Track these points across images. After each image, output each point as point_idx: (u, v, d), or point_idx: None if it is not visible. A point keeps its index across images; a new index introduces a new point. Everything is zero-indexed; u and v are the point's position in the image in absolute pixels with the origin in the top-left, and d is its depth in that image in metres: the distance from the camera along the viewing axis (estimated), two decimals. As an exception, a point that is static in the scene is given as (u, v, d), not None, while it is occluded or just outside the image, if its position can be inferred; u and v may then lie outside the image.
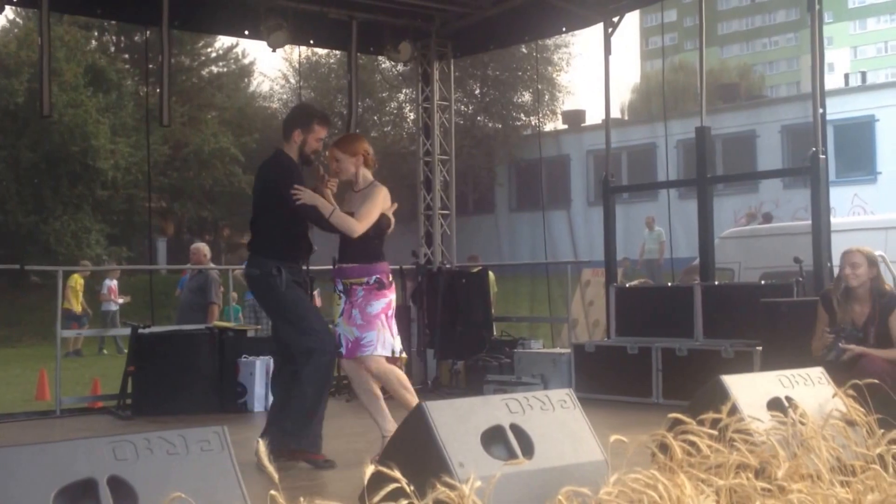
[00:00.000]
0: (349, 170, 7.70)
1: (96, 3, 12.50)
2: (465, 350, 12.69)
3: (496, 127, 39.74)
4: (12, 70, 31.05)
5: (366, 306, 7.52)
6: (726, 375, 5.91)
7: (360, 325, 7.53)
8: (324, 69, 40.22)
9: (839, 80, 45.93)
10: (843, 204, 27.80)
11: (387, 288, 7.64)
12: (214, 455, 4.30)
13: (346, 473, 7.06)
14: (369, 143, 8.00)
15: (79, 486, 3.94)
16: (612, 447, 5.03)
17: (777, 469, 4.88)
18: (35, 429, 10.17)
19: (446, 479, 4.33)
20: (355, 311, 7.55)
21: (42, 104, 11.30)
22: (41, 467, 3.92)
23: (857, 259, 8.10)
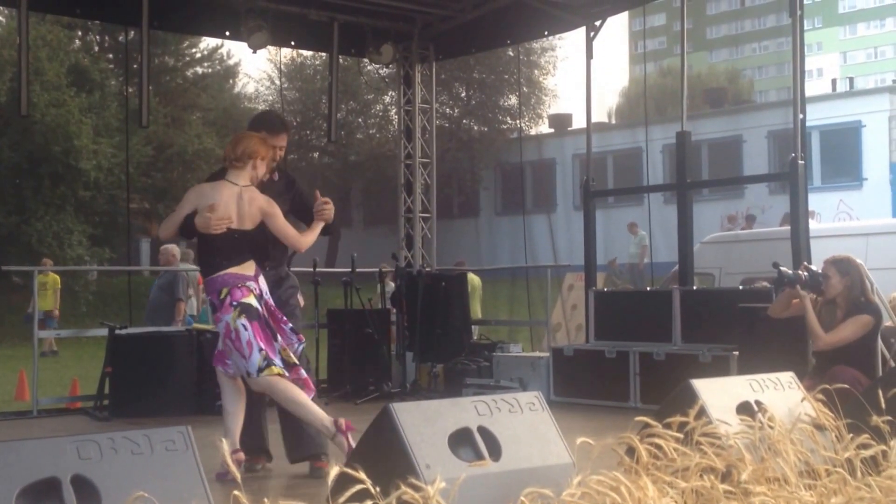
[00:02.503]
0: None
1: (75, 2, 12.45)
2: (444, 353, 12.68)
3: (482, 130, 39.76)
4: (-7, 69, 30.95)
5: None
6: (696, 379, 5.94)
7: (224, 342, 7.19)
8: (309, 70, 40.14)
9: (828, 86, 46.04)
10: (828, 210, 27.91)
11: (218, 310, 7.09)
12: (179, 455, 4.31)
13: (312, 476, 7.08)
14: (231, 142, 7.49)
15: (42, 484, 3.95)
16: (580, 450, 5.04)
17: (742, 472, 4.91)
18: (11, 429, 10.11)
19: (413, 481, 4.34)
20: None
21: (21, 104, 11.33)
22: (4, 465, 3.92)
23: (827, 271, 8.20)
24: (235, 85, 45.25)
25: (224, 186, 7.11)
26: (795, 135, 10.31)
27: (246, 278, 7.06)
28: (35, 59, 11.61)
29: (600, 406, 10.80)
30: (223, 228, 7.00)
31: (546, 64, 40.58)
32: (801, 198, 10.31)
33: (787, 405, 5.90)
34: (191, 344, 11.18)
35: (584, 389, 11.19)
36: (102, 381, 11.09)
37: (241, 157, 7.14)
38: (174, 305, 13.91)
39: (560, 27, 13.41)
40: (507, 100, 40.27)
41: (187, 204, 7.12)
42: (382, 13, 13.26)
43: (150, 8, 11.71)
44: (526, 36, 15.70)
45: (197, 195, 7.16)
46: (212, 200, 7.04)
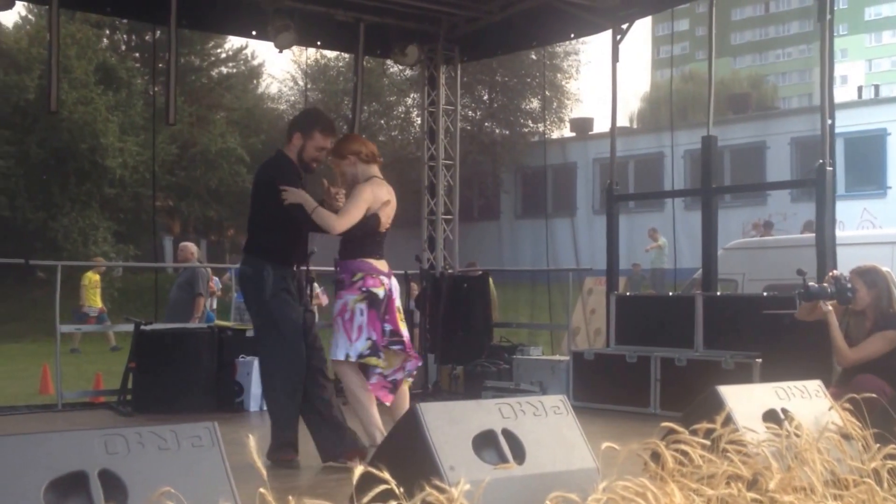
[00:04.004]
0: (348, 172, 7.64)
1: (105, 0, 12.56)
2: (464, 355, 12.70)
3: (503, 133, 39.78)
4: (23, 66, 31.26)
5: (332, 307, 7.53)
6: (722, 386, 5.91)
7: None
8: (332, 72, 40.33)
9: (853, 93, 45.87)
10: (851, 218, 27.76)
11: (345, 288, 7.47)
12: (205, 451, 4.31)
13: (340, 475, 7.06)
14: (363, 140, 7.93)
15: (70, 478, 3.96)
16: (604, 455, 5.02)
17: (769, 480, 4.87)
18: (36, 422, 10.22)
19: (436, 482, 4.32)
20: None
21: (50, 100, 11.43)
22: (33, 458, 3.94)
23: (854, 283, 8.11)
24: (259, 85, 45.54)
25: (384, 186, 7.62)
26: (823, 141, 10.25)
27: (382, 272, 7.52)
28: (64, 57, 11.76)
29: (620, 411, 10.77)
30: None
31: (569, 68, 40.61)
32: (828, 205, 10.24)
33: (813, 413, 5.87)
34: (213, 341, 11.27)
35: (603, 394, 11.16)
36: (126, 376, 11.21)
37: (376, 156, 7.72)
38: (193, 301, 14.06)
39: (586, 30, 13.36)
40: (528, 103, 40.27)
41: (364, 203, 7.42)
42: (408, 14, 13.24)
43: (179, 7, 11.71)
44: (552, 38, 15.67)
45: (371, 194, 7.48)
46: (384, 198, 7.52)
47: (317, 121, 7.93)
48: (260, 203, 7.71)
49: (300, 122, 7.91)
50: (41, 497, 3.86)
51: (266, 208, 7.60)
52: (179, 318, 13.56)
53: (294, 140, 7.71)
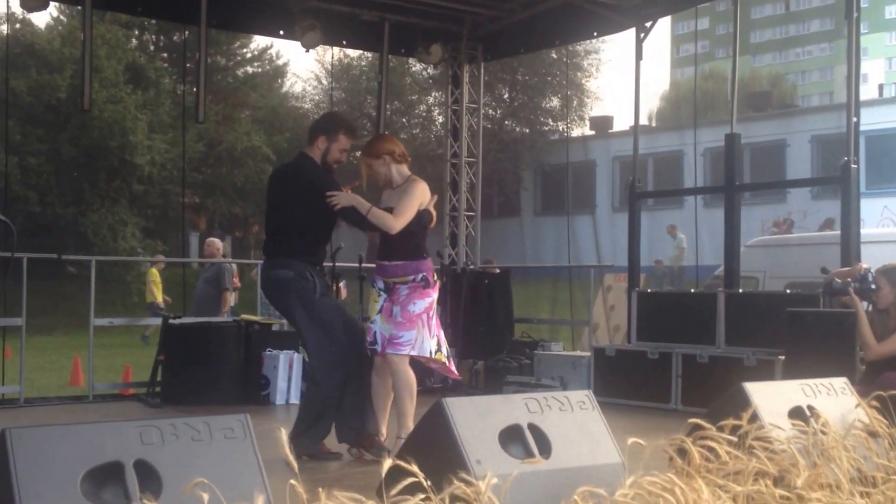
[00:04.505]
0: (381, 171, 7.70)
1: (137, 1, 12.68)
2: (485, 350, 12.75)
3: (523, 131, 39.85)
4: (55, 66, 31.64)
5: (408, 304, 7.49)
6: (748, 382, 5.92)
7: (398, 322, 7.48)
8: (355, 71, 40.57)
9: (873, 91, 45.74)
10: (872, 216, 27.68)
11: (431, 287, 7.60)
12: (237, 443, 4.36)
13: (365, 468, 7.14)
14: (394, 140, 8.01)
15: (106, 468, 4.01)
16: (629, 450, 5.05)
17: (796, 477, 4.89)
18: (68, 413, 10.37)
19: (463, 476, 4.36)
20: (396, 308, 7.53)
21: (83, 99, 11.65)
22: (71, 448, 4.00)
23: (878, 281, 8.12)
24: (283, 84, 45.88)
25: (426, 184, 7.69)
26: (849, 138, 10.23)
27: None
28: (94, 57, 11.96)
29: (641, 407, 10.78)
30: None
31: (589, 66, 40.64)
32: (852, 202, 10.22)
33: (839, 411, 5.87)
34: (239, 335, 11.39)
35: (624, 390, 11.16)
36: (155, 368, 11.34)
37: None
38: (219, 296, 14.19)
39: (610, 28, 13.36)
40: (549, 101, 40.35)
41: (419, 200, 7.55)
42: (432, 13, 13.33)
43: (209, 7, 11.91)
44: (575, 37, 15.69)
45: (423, 193, 7.61)
46: (429, 196, 7.63)
47: (341, 123, 8.07)
48: (297, 207, 7.73)
49: (324, 125, 8.00)
50: (78, 486, 3.92)
51: (306, 212, 7.67)
52: (206, 313, 13.71)
53: (318, 143, 7.80)
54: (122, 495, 3.99)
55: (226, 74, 41.09)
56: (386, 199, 7.73)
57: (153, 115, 33.74)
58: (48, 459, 3.93)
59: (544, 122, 40.30)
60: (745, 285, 13.71)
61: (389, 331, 7.50)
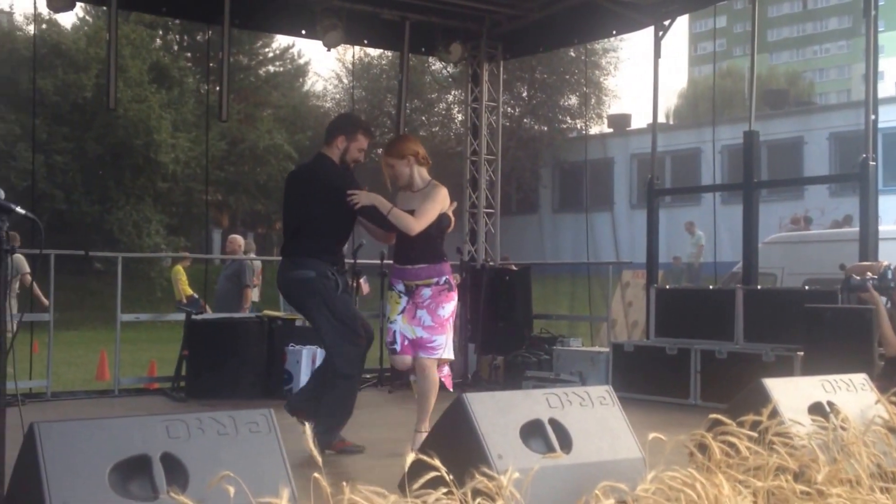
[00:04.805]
0: (404, 172, 7.67)
1: (162, 1, 12.80)
2: (505, 346, 12.77)
3: (542, 129, 39.88)
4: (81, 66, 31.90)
5: (437, 308, 7.51)
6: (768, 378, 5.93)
7: (429, 326, 7.49)
8: (375, 70, 40.76)
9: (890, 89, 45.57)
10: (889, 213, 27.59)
11: (454, 290, 7.65)
12: (262, 437, 4.42)
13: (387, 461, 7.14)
14: (418, 141, 8.00)
15: (133, 461, 4.07)
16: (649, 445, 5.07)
17: (816, 473, 4.90)
18: (94, 407, 10.51)
19: (485, 470, 4.39)
20: (421, 311, 7.51)
21: (109, 98, 11.77)
22: (99, 442, 4.05)
23: None
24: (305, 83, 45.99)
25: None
26: (867, 135, 10.24)
27: None
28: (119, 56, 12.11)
29: (659, 402, 10.79)
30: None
31: (607, 64, 40.63)
32: (871, 199, 10.22)
33: (859, 407, 5.88)
34: (262, 330, 11.48)
35: (643, 385, 11.16)
36: (180, 363, 11.45)
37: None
38: (241, 293, 14.25)
39: (629, 27, 13.35)
40: (567, 99, 40.41)
41: (441, 204, 7.55)
42: (452, 13, 13.40)
43: (232, 7, 12.02)
44: (594, 35, 15.67)
45: (446, 197, 7.60)
46: (449, 203, 7.62)
47: (359, 123, 8.17)
48: (317, 207, 7.77)
49: (343, 125, 8.06)
50: (106, 479, 3.97)
51: (326, 213, 7.71)
52: (227, 309, 13.80)
53: (338, 142, 7.85)
54: (150, 488, 4.05)
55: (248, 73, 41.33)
56: (403, 201, 7.71)
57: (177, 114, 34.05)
58: (76, 453, 3.98)
59: (562, 120, 40.33)
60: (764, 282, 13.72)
61: (415, 333, 7.50)
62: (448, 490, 4.16)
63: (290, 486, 4.22)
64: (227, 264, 15.18)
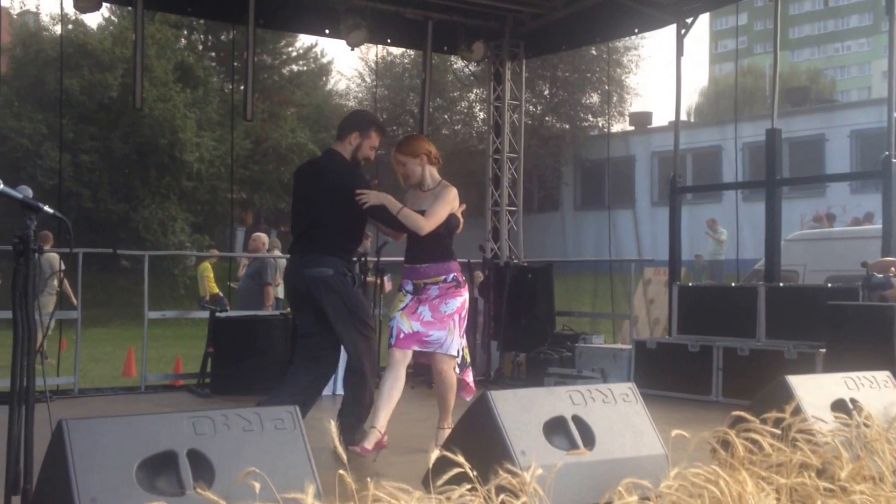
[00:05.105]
0: (415, 171, 7.62)
1: (187, 2, 12.91)
2: (527, 343, 12.77)
3: (563, 127, 39.87)
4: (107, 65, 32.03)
5: (440, 305, 7.45)
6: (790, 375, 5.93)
7: (427, 321, 7.42)
8: (398, 68, 40.82)
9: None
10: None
11: (462, 286, 7.60)
12: (287, 433, 4.44)
13: (410, 458, 7.16)
14: (430, 141, 7.96)
15: (160, 457, 4.11)
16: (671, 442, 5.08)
17: (840, 470, 4.91)
18: (121, 403, 10.57)
19: (508, 467, 4.40)
20: (423, 307, 7.45)
21: (135, 97, 11.90)
22: (126, 438, 4.09)
23: None
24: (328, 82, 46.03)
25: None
26: (890, 132, 10.21)
27: None
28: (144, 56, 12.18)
29: (681, 399, 10.76)
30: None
31: (628, 63, 40.58)
32: (893, 196, 10.19)
33: (882, 403, 5.89)
34: (286, 328, 11.48)
35: (665, 382, 11.11)
36: (205, 360, 11.53)
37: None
38: (262, 291, 14.31)
39: (651, 25, 13.33)
40: (588, 97, 40.38)
41: (451, 205, 7.51)
42: (475, 12, 13.45)
43: (257, 7, 12.08)
44: (616, 34, 15.67)
45: (456, 198, 7.55)
46: (458, 204, 7.58)
47: (373, 120, 8.09)
48: (329, 204, 7.66)
49: (357, 122, 7.98)
50: (133, 475, 4.01)
51: (339, 209, 7.62)
52: (250, 307, 13.84)
53: (351, 138, 7.77)
54: (176, 484, 4.08)
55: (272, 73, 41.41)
56: (413, 199, 7.64)
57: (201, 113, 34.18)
58: (104, 449, 4.02)
59: (584, 118, 40.31)
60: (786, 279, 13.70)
61: (412, 327, 7.42)
62: (472, 486, 4.17)
63: (316, 483, 4.24)
64: (250, 262, 15.25)
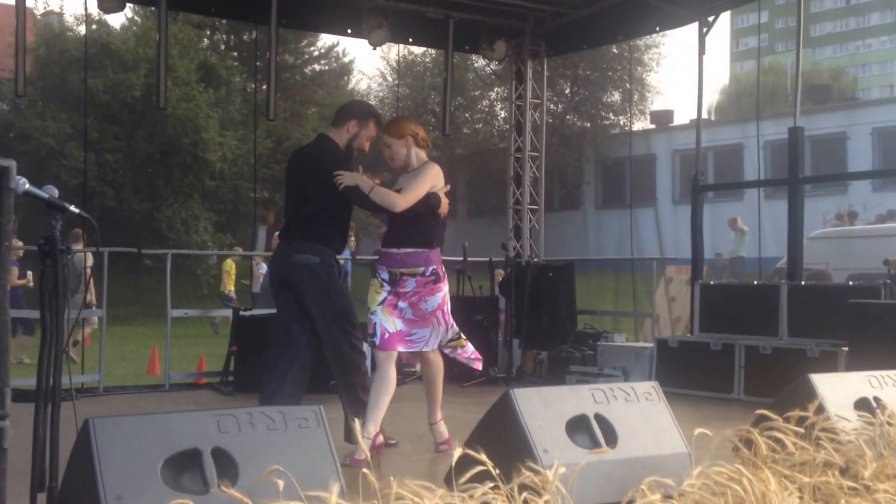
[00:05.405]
0: (400, 153, 7.39)
1: (210, 2, 13.02)
2: (549, 341, 12.79)
3: (584, 126, 39.86)
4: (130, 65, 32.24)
5: (419, 303, 7.19)
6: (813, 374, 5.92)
7: (409, 319, 7.20)
8: (419, 67, 40.93)
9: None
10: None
11: (442, 280, 7.26)
12: (311, 432, 4.46)
13: (433, 455, 7.19)
14: (416, 123, 7.72)
15: (185, 455, 4.13)
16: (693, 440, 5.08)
17: (863, 469, 4.90)
18: (145, 401, 10.63)
19: (531, 465, 4.41)
20: (403, 303, 7.18)
21: (159, 97, 11.97)
22: (151, 436, 4.11)
23: None
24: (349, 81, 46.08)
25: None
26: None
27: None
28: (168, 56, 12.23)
29: (702, 397, 10.73)
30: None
31: (650, 61, 40.54)
32: (916, 195, 10.19)
33: (905, 402, 5.87)
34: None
35: (687, 380, 11.06)
36: (228, 358, 11.58)
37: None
38: None
39: (672, 23, 13.31)
40: (609, 96, 40.35)
41: (430, 182, 7.23)
42: (496, 10, 13.46)
43: (279, 7, 12.14)
44: (638, 32, 15.69)
45: (438, 176, 7.30)
46: (442, 183, 7.33)
47: (373, 111, 7.90)
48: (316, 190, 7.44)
49: (357, 110, 7.80)
50: (158, 473, 4.03)
51: (325, 195, 7.39)
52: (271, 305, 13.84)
53: (349, 126, 7.59)
54: (201, 482, 4.10)
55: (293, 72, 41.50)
56: (401, 184, 7.42)
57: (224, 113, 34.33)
58: (129, 447, 4.04)
59: (605, 117, 40.31)
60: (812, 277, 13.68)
61: (395, 326, 7.19)
62: (494, 485, 4.18)
63: (340, 481, 4.24)
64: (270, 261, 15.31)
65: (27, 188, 4.35)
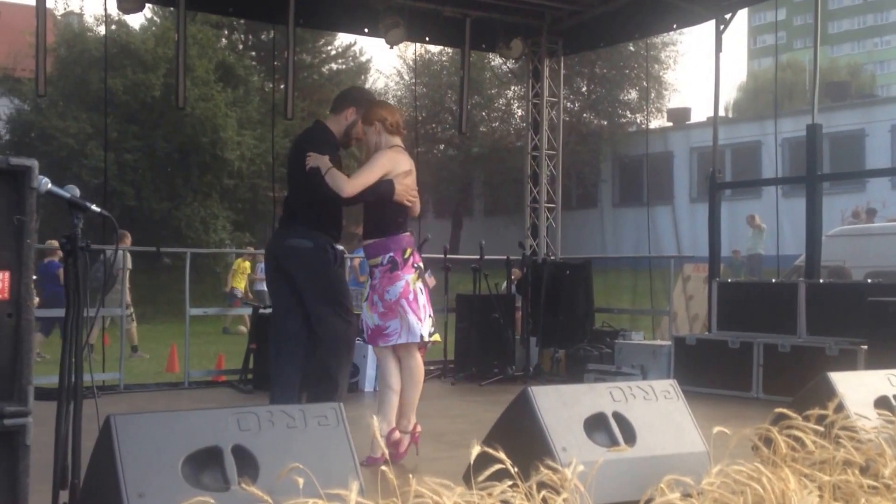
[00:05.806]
0: (370, 139, 7.22)
1: (228, 2, 13.04)
2: (566, 339, 12.78)
3: (601, 124, 39.84)
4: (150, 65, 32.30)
5: (383, 293, 6.99)
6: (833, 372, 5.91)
7: (381, 312, 7.02)
8: (436, 66, 40.98)
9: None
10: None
11: (400, 268, 6.99)
12: (331, 430, 4.47)
13: (451, 453, 7.19)
14: (390, 108, 7.47)
15: (206, 453, 4.15)
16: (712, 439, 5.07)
17: (883, 467, 4.89)
18: (165, 399, 10.70)
19: (549, 463, 4.41)
20: (376, 297, 7.05)
21: (178, 97, 12.11)
22: (173, 434, 4.13)
23: None
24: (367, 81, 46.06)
25: (406, 155, 7.19)
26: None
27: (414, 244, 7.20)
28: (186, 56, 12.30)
29: (721, 395, 10.73)
30: (415, 197, 7.13)
31: (666, 58, 40.49)
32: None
33: (926, 401, 5.86)
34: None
35: (705, 378, 11.07)
36: (247, 356, 11.59)
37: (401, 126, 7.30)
38: None
39: (689, 20, 13.32)
40: (626, 94, 40.33)
41: (381, 168, 7.00)
42: (513, 9, 13.50)
43: (296, 6, 12.22)
44: (654, 30, 15.66)
45: (391, 161, 7.05)
46: (404, 168, 7.08)
47: (371, 98, 7.84)
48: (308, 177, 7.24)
49: (356, 98, 7.70)
50: (179, 470, 4.05)
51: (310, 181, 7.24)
52: None
53: (348, 113, 7.52)
54: (221, 479, 4.12)
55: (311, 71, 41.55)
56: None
57: (242, 112, 34.40)
58: (151, 444, 4.06)
59: (622, 115, 40.29)
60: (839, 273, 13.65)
61: (373, 320, 7.06)
62: (513, 483, 4.18)
63: (359, 479, 4.25)
64: None
65: (49, 188, 4.37)
